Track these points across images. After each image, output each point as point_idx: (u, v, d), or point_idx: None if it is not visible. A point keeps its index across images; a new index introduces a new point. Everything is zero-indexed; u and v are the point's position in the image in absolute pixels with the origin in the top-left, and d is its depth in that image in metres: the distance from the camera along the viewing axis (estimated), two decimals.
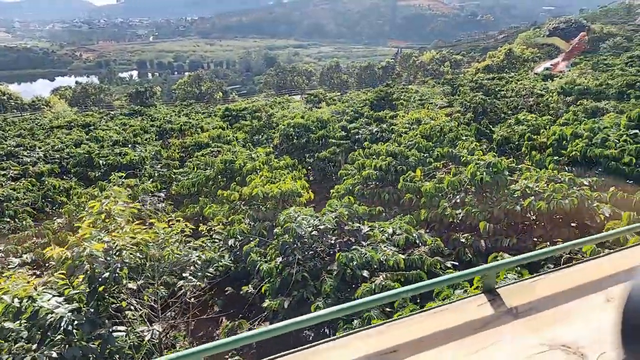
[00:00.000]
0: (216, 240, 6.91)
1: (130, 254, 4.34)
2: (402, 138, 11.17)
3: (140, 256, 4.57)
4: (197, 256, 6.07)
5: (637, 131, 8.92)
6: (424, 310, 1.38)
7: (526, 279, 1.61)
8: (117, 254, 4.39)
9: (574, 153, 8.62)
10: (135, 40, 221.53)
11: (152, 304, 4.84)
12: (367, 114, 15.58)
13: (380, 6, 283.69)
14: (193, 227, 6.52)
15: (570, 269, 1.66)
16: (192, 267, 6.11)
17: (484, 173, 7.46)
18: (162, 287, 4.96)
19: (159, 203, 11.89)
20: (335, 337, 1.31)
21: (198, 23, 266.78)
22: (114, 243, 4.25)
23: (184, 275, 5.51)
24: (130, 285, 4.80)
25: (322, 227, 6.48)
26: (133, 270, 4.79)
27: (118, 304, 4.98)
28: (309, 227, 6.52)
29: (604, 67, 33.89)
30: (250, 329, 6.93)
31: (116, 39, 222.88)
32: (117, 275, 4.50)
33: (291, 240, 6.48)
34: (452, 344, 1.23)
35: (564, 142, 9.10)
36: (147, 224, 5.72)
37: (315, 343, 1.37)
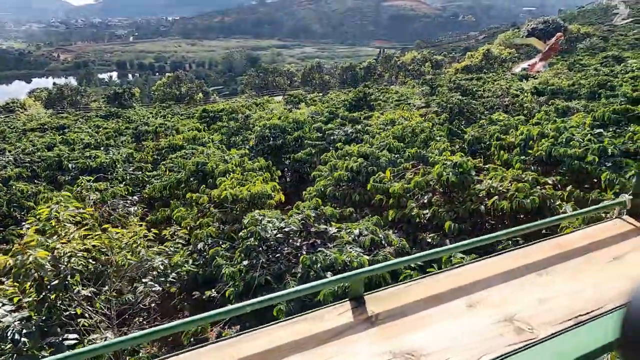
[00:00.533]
0: (179, 245, 6.79)
1: (80, 261, 4.24)
2: (375, 139, 11.21)
3: (93, 262, 4.46)
4: (159, 261, 5.98)
5: (601, 130, 9.12)
6: (282, 320, 1.36)
7: (400, 284, 1.61)
8: (66, 260, 4.28)
9: (539, 153, 8.76)
10: (115, 41, 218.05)
11: (106, 311, 4.73)
12: (342, 115, 15.60)
13: (363, 6, 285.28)
14: (157, 231, 6.42)
15: (445, 273, 1.67)
16: (154, 272, 6.03)
17: (450, 173, 7.52)
18: (115, 293, 4.86)
19: (131, 206, 11.73)
20: (176, 352, 1.27)
21: (179, 23, 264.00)
22: (62, 250, 4.14)
23: (144, 280, 5.41)
24: (83, 292, 4.69)
25: (287, 229, 6.45)
26: (86, 277, 4.68)
27: (73, 312, 4.87)
28: (274, 229, 6.48)
29: (579, 67, 34.65)
30: (219, 334, 6.85)
31: (95, 39, 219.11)
32: (67, 282, 4.39)
33: (256, 243, 6.43)
34: (296, 356, 1.21)
35: (531, 142, 9.25)
36: (115, 228, 5.62)
37: None
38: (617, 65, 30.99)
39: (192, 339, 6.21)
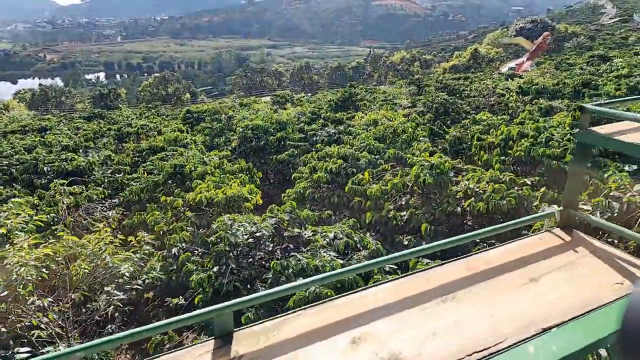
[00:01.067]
0: (146, 251, 6.59)
1: (31, 270, 4.04)
2: (356, 140, 11.08)
3: (46, 272, 4.26)
4: (125, 268, 5.78)
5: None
6: None
7: (279, 317, 1.46)
8: (16, 270, 4.07)
9: (518, 153, 8.69)
10: (102, 41, 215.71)
11: (60, 322, 4.53)
12: (324, 116, 15.45)
13: (354, 6, 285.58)
14: (123, 237, 6.22)
15: (332, 302, 1.53)
16: (120, 280, 5.83)
17: (427, 175, 7.41)
18: (68, 304, 4.65)
19: (109, 210, 11.46)
20: None
21: (168, 23, 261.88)
22: (11, 259, 3.94)
23: (106, 289, 5.21)
24: (38, 303, 4.48)
25: (258, 234, 6.28)
26: (41, 287, 4.47)
27: (28, 323, 4.66)
28: (246, 234, 6.31)
29: (565, 67, 34.86)
30: (181, 342, 6.66)
31: (82, 39, 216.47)
32: (17, 292, 4.18)
33: (227, 248, 6.26)
34: None
35: (510, 142, 9.18)
36: (89, 233, 5.41)
37: None
38: (603, 64, 31.24)
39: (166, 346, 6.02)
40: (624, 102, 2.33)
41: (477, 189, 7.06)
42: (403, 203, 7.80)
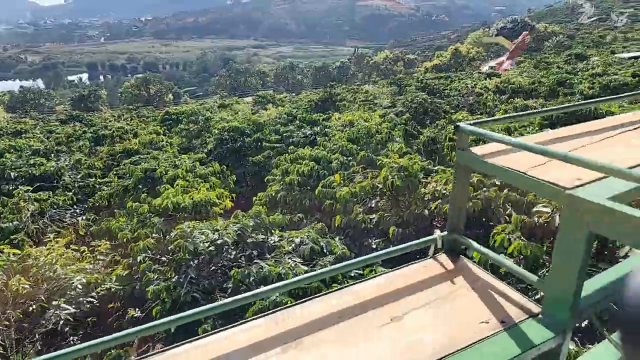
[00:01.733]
0: (100, 261, 6.38)
1: None
2: (329, 142, 10.96)
3: None
4: (78, 280, 5.57)
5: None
6: None
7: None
8: None
9: None
10: (86, 42, 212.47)
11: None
12: (300, 117, 15.32)
13: (339, 6, 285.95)
14: (76, 247, 6.00)
15: (181, 347, 1.44)
16: (72, 293, 5.61)
17: (396, 177, 7.32)
18: (8, 321, 4.44)
19: (79, 216, 11.16)
20: None
21: (152, 23, 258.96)
22: None
23: (54, 303, 4.99)
24: None
25: (220, 241, 6.11)
26: None
27: None
28: (207, 242, 6.14)
29: (544, 65, 35.25)
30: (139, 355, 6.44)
31: (65, 40, 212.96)
32: None
33: (188, 257, 6.08)
34: None
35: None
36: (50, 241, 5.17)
37: None
38: (580, 63, 31.64)
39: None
40: (497, 121, 2.21)
41: (445, 191, 7.00)
42: (373, 206, 7.71)
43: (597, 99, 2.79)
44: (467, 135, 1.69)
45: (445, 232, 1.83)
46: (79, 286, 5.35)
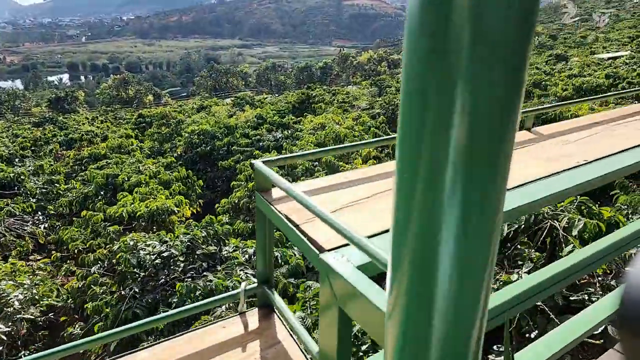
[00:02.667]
0: (39, 276, 6.10)
1: None
2: (295, 146, 10.77)
3: None
4: (15, 296, 5.30)
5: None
6: None
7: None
8: None
9: None
10: (66, 42, 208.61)
11: None
12: (270, 120, 15.10)
13: (325, 5, 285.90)
14: (14, 261, 5.71)
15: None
16: (10, 309, 5.34)
17: None
18: None
19: (40, 224, 10.80)
20: None
21: (134, 22, 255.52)
22: None
23: None
24: None
25: (166, 253, 5.88)
26: None
27: None
28: (153, 254, 5.90)
29: None
30: None
31: (44, 40, 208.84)
32: None
33: (134, 270, 5.84)
34: None
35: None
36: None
37: None
38: (559, 64, 31.95)
39: None
40: (295, 158, 1.97)
41: None
42: None
43: (557, 104, 2.64)
44: (263, 177, 1.47)
45: (254, 285, 1.65)
46: (16, 302, 5.07)
